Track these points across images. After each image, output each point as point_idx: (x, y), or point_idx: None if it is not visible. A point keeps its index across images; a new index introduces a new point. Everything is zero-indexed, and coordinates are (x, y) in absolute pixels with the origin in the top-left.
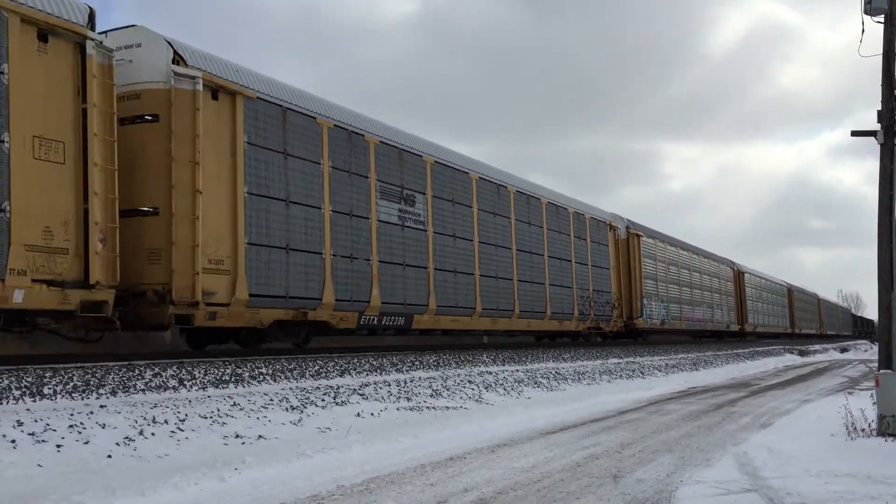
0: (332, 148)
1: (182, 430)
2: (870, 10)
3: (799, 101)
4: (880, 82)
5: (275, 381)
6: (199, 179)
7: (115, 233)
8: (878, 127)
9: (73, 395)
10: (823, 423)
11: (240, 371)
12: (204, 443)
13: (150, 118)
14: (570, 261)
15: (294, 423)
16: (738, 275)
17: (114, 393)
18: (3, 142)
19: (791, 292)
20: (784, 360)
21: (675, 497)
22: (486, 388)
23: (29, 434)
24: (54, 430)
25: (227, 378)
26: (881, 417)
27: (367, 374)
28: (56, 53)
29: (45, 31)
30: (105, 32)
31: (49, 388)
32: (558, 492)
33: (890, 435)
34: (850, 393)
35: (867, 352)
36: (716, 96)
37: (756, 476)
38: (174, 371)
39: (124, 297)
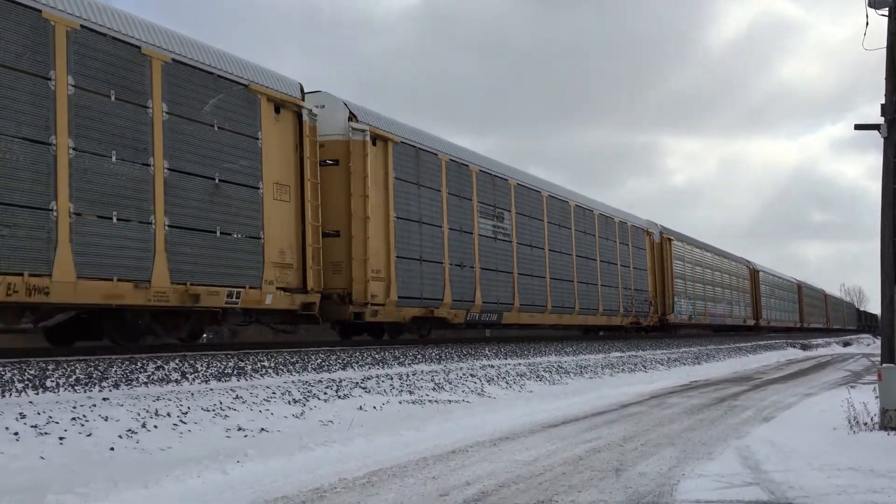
0: (449, 178)
1: (185, 423)
2: (874, 3)
3: (801, 95)
4: (884, 76)
5: (277, 374)
6: (368, 209)
7: (319, 252)
8: (881, 121)
9: (76, 387)
10: (826, 416)
11: (242, 364)
12: (206, 436)
13: (332, 162)
14: (616, 264)
15: (296, 416)
16: (754, 273)
17: (116, 386)
18: (258, 188)
19: (800, 288)
20: (786, 354)
21: (677, 490)
22: (488, 381)
23: (32, 426)
24: (57, 423)
25: (230, 371)
26: (884, 411)
27: (370, 368)
28: (284, 120)
29: (278, 105)
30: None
31: (52, 381)
32: (560, 485)
33: (892, 429)
34: (852, 387)
35: (870, 346)
36: (718, 90)
37: (758, 469)
38: (176, 364)
39: None
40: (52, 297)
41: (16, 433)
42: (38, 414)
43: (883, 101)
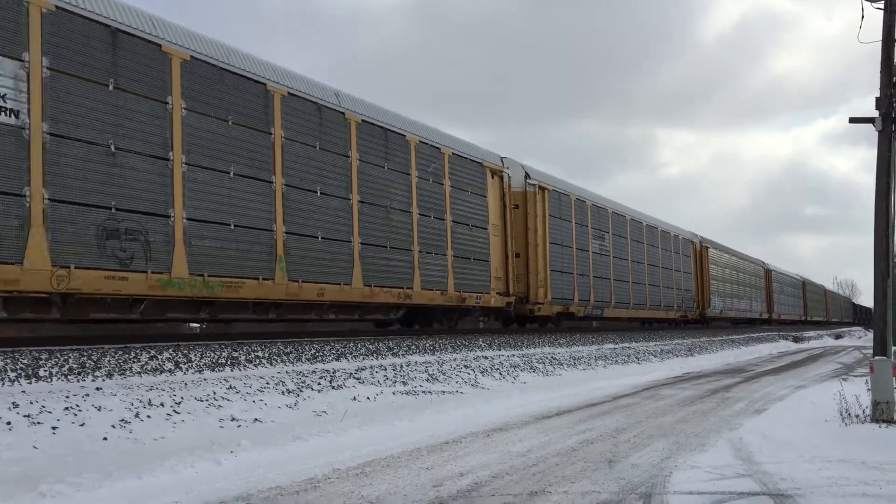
0: (577, 213)
1: (178, 413)
2: None
3: (793, 89)
4: (879, 69)
5: (271, 364)
6: (538, 238)
7: (514, 268)
8: (876, 114)
9: (69, 377)
10: (818, 409)
11: (236, 354)
12: (200, 426)
13: (516, 207)
14: (671, 269)
15: (290, 407)
16: (768, 273)
17: (109, 375)
18: (486, 228)
19: (804, 285)
20: (778, 347)
21: (669, 482)
22: (481, 372)
23: (24, 416)
24: (50, 413)
25: (224, 361)
26: (875, 404)
27: (364, 358)
28: (495, 182)
29: (493, 172)
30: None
31: (45, 371)
32: (553, 476)
33: (884, 421)
34: (844, 379)
35: (861, 338)
36: (711, 83)
37: (751, 461)
38: (170, 354)
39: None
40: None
41: (8, 423)
42: (31, 403)
43: (878, 95)
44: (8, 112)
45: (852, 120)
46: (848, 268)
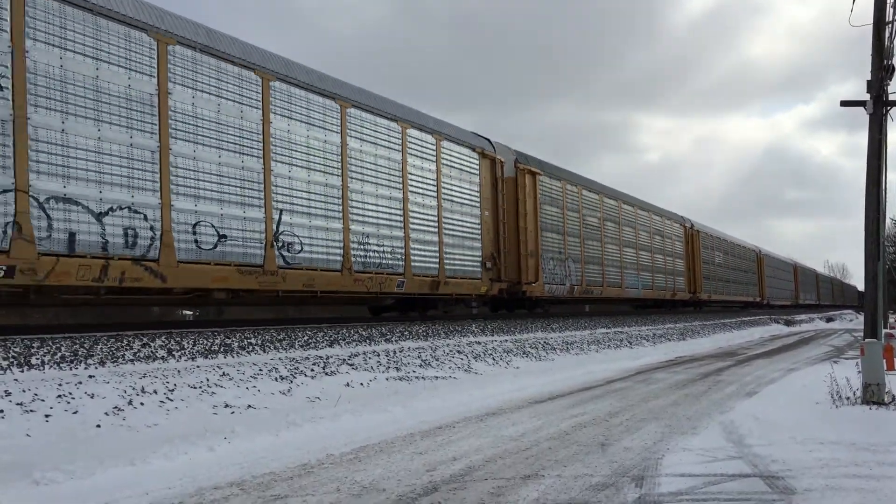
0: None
1: (171, 400)
2: None
3: (772, 74)
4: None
5: (264, 351)
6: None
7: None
8: (867, 97)
9: (62, 365)
10: (809, 391)
11: (229, 341)
12: (193, 413)
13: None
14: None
15: (283, 393)
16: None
17: (102, 363)
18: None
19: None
20: (770, 330)
21: (661, 464)
22: (475, 357)
23: (17, 404)
24: (43, 401)
25: (217, 348)
26: (866, 386)
27: (357, 345)
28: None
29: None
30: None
31: (37, 359)
32: (546, 459)
33: (874, 403)
34: (835, 362)
35: (852, 321)
36: (687, 68)
37: (742, 444)
38: (163, 341)
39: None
40: None
41: (1, 411)
42: (24, 391)
43: (868, 78)
44: None
45: (843, 103)
46: (836, 250)
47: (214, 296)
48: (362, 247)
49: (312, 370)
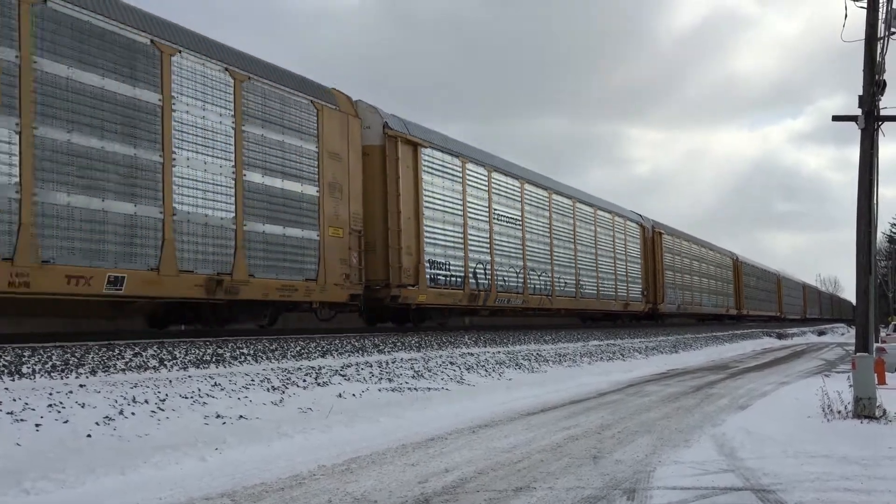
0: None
1: (162, 410)
2: None
3: (759, 88)
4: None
5: (256, 361)
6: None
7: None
8: (859, 112)
9: (52, 374)
10: (800, 405)
11: (221, 351)
12: (185, 423)
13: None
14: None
15: (275, 404)
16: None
17: (93, 372)
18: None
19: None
20: (762, 343)
21: (653, 477)
22: (467, 369)
23: (7, 413)
24: (33, 410)
25: (208, 358)
26: (857, 400)
27: (349, 355)
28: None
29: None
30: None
31: (28, 368)
32: (538, 472)
33: (866, 417)
34: (826, 375)
35: (844, 335)
36: (677, 81)
37: (734, 457)
38: (154, 351)
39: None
40: None
41: None
42: (14, 400)
43: (860, 94)
44: None
45: (835, 118)
46: (829, 264)
47: None
48: None
49: (305, 381)
